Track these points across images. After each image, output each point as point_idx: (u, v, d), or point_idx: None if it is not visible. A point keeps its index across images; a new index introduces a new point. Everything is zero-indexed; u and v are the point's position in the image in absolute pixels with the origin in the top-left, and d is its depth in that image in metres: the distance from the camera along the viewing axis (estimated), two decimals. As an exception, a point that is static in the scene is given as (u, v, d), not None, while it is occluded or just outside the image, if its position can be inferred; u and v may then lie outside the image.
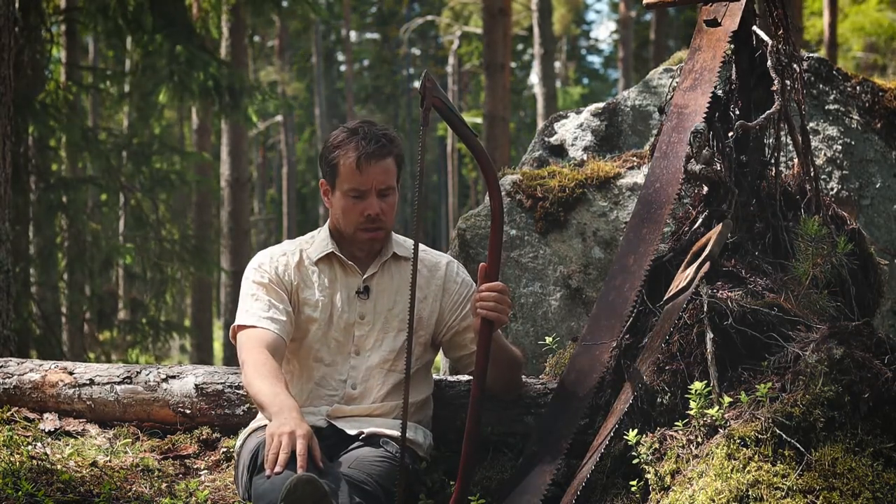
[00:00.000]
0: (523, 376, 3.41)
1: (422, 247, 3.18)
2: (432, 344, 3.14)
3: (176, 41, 9.19)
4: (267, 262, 3.08)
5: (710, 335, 2.67)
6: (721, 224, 2.89)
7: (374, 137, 2.94)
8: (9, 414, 3.60)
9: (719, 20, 3.23)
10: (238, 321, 3.00)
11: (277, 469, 2.54)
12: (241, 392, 3.51)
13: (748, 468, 2.37)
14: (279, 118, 27.77)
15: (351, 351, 3.04)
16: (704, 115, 3.07)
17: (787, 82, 3.11)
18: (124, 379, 3.65)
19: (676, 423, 2.61)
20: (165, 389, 3.60)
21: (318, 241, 3.12)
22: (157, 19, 9.13)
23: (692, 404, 2.57)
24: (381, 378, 3.02)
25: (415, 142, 35.42)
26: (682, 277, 2.90)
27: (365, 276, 3.06)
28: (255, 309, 2.99)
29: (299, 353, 3.06)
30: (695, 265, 2.87)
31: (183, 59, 9.25)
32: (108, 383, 3.66)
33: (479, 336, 2.83)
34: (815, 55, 4.35)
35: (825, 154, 4.10)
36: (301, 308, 3.05)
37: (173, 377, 3.62)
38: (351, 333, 3.04)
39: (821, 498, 2.29)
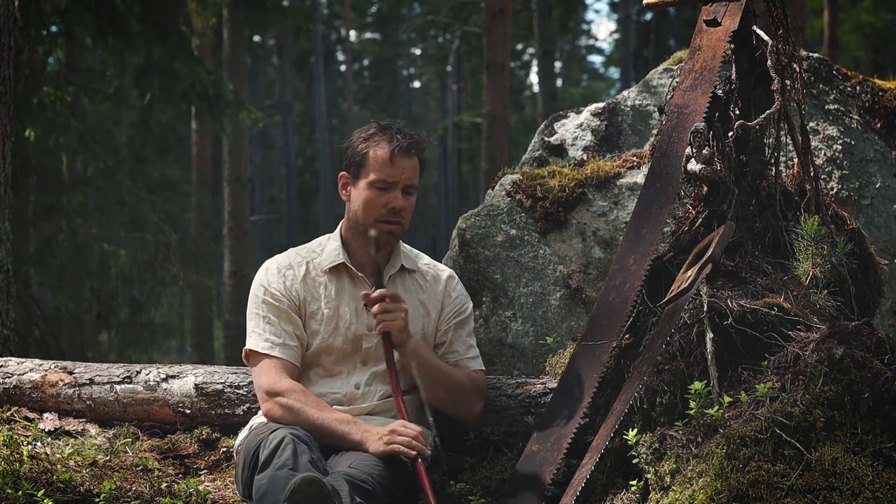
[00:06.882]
0: (525, 377, 3.40)
1: (426, 259, 3.21)
2: None
3: (160, 43, 9.19)
4: (275, 279, 3.07)
5: (710, 335, 2.67)
6: (724, 226, 2.89)
7: (408, 134, 3.01)
8: (9, 414, 3.60)
9: (719, 20, 3.23)
10: (251, 345, 3.00)
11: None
12: (240, 392, 3.51)
13: (748, 468, 2.37)
14: (278, 118, 27.73)
15: (357, 361, 3.04)
16: (704, 115, 3.07)
17: (787, 82, 3.11)
18: (124, 379, 3.66)
19: (676, 423, 2.61)
20: (165, 389, 3.60)
21: (328, 251, 3.11)
22: (146, 23, 9.12)
23: (692, 404, 2.57)
24: (384, 384, 3.03)
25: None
26: (684, 279, 2.89)
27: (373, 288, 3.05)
28: (268, 334, 3.00)
29: (303, 361, 3.06)
30: (696, 266, 2.86)
31: (166, 62, 9.25)
32: (107, 383, 3.66)
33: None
34: (815, 55, 4.34)
35: (825, 154, 4.10)
36: (307, 322, 3.05)
37: (173, 377, 3.62)
38: (359, 345, 3.04)
39: (821, 498, 2.29)
